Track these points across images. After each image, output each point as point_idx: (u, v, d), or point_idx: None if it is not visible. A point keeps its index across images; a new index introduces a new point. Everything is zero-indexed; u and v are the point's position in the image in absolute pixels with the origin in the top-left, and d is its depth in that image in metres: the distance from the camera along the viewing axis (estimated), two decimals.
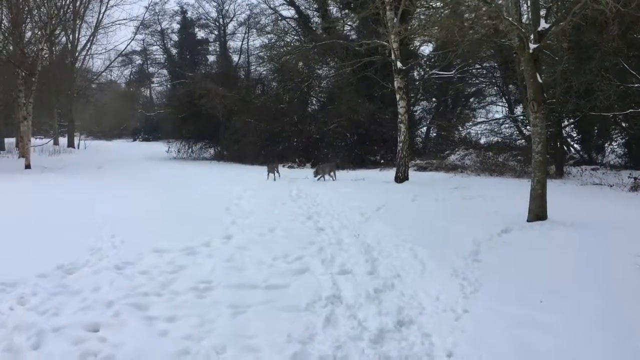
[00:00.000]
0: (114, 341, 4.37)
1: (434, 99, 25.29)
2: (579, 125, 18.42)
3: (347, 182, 15.87)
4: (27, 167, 20.12)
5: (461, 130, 24.50)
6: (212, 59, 42.48)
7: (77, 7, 33.48)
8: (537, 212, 9.13)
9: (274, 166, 16.96)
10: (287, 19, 27.59)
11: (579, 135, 19.64)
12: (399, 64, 15.38)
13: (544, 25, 8.98)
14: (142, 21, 42.38)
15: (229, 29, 39.98)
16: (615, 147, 19.12)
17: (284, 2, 26.79)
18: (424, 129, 25.90)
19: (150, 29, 44.31)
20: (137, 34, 43.61)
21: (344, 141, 23.87)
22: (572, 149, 19.78)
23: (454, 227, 8.75)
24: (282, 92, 26.30)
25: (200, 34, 43.50)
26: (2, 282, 5.67)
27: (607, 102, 14.41)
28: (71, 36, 36.53)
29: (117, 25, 42.58)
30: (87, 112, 47.55)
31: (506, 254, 7.18)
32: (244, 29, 36.33)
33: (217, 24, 40.61)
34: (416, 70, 24.07)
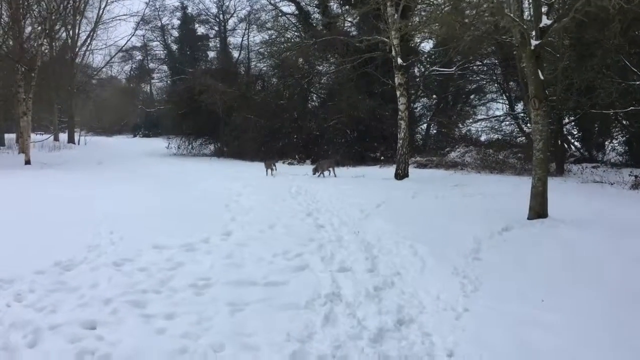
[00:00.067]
0: (111, 339, 4.33)
1: (435, 96, 25.21)
2: (579, 122, 18.36)
3: (347, 178, 15.82)
4: (27, 162, 20.08)
5: (461, 127, 24.43)
6: (212, 55, 42.38)
7: (77, 3, 33.40)
8: (538, 210, 9.09)
9: (271, 162, 17.24)
10: (287, 15, 27.56)
11: (580, 132, 19.58)
12: (400, 61, 15.32)
13: (545, 21, 8.93)
14: (143, 17, 42.36)
15: (229, 25, 39.91)
16: (615, 144, 19.06)
17: None
18: (424, 126, 25.79)
19: (150, 25, 44.23)
20: (138, 30, 43.66)
21: (344, 138, 23.81)
22: (573, 147, 19.72)
23: (454, 224, 8.71)
24: (282, 89, 26.21)
25: (200, 29, 43.37)
26: None
27: (608, 100, 14.35)
28: (71, 32, 36.45)
29: (118, 20, 42.26)
30: (87, 108, 47.44)
31: (507, 252, 7.15)
32: (244, 25, 36.23)
33: (218, 20, 40.50)
34: (416, 66, 23.98)
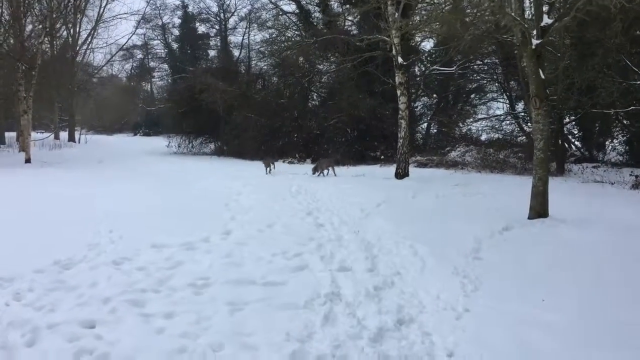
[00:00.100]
0: (109, 338, 4.32)
1: (435, 95, 25.17)
2: (580, 122, 18.34)
3: (347, 177, 15.80)
4: (27, 161, 20.07)
5: (462, 126, 24.38)
6: (213, 53, 42.37)
7: (77, 1, 33.35)
8: (538, 210, 9.07)
9: (269, 161, 17.44)
10: (288, 14, 27.54)
11: (580, 132, 19.55)
12: (400, 60, 15.29)
13: (546, 20, 8.90)
14: (143, 15, 42.42)
15: (230, 24, 39.94)
16: (616, 144, 19.04)
17: None
18: (425, 125, 25.77)
19: (151, 24, 44.29)
20: (138, 29, 43.59)
21: (344, 137, 23.79)
22: (573, 146, 19.70)
23: (454, 224, 8.69)
24: (283, 87, 26.20)
25: (201, 28, 43.40)
26: None
27: (609, 100, 14.33)
28: (72, 30, 36.41)
29: (118, 19, 42.35)
30: (87, 107, 47.45)
31: (507, 251, 7.12)
32: (245, 23, 36.29)
33: (218, 19, 40.52)
34: (417, 66, 23.95)
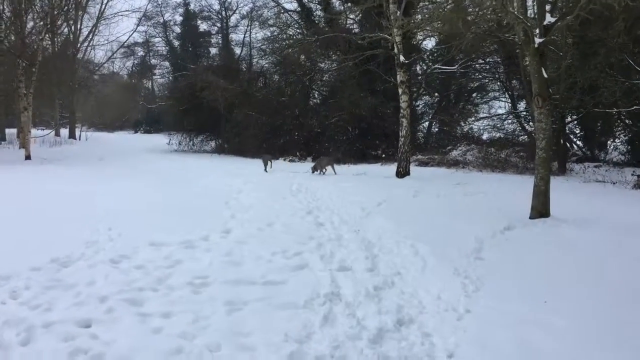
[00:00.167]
0: (105, 338, 4.26)
1: (437, 94, 25.10)
2: (582, 121, 18.27)
3: (348, 176, 15.76)
4: (27, 158, 20.02)
5: (463, 125, 24.33)
6: (214, 51, 42.28)
7: None
8: (540, 210, 9.01)
9: (267, 158, 17.55)
10: (289, 12, 27.45)
11: (582, 131, 19.49)
12: (402, 58, 15.23)
13: (549, 19, 8.82)
14: (145, 13, 42.25)
15: (232, 22, 39.88)
16: (618, 144, 18.97)
17: None
18: (426, 124, 25.71)
19: (152, 21, 44.21)
20: (140, 26, 43.63)
21: (345, 135, 23.74)
22: (575, 146, 19.64)
23: (455, 223, 8.64)
24: (284, 85, 26.13)
25: (202, 26, 43.34)
26: None
27: (611, 99, 14.26)
28: (73, 27, 36.33)
29: (120, 16, 42.49)
30: (88, 104, 47.33)
31: (509, 251, 7.07)
32: (246, 21, 36.20)
33: (220, 17, 40.44)
34: (419, 64, 23.88)
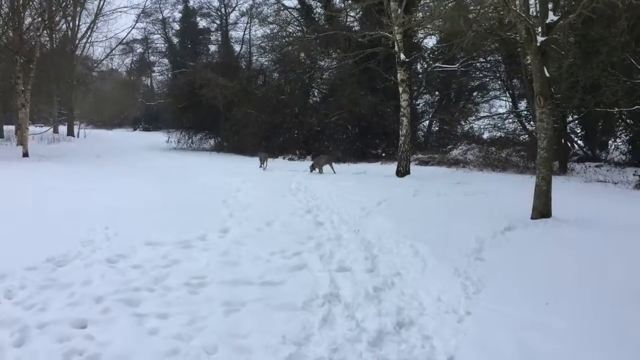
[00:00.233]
0: (101, 339, 4.18)
1: (437, 93, 25.02)
2: (582, 121, 18.21)
3: (347, 175, 15.69)
4: (25, 155, 19.93)
5: (464, 124, 24.25)
6: (213, 48, 42.14)
7: None
8: (541, 210, 8.93)
9: (264, 156, 17.79)
10: (289, 9, 27.35)
11: (583, 131, 19.43)
12: (402, 56, 15.15)
13: (552, 17, 8.74)
14: (144, 9, 42.12)
15: (231, 19, 39.68)
16: (619, 143, 18.91)
17: None
18: (426, 123, 25.65)
19: (151, 18, 43.99)
20: (138, 22, 43.28)
21: (345, 134, 23.67)
22: (576, 145, 19.57)
23: (455, 223, 8.57)
24: (284, 83, 26.05)
25: (202, 23, 43.13)
26: None
27: (613, 98, 14.20)
28: (71, 23, 36.23)
29: (118, 12, 42.22)
30: (87, 101, 47.22)
31: (510, 252, 6.99)
32: (246, 18, 35.98)
33: (219, 14, 40.26)
34: (419, 62, 23.81)
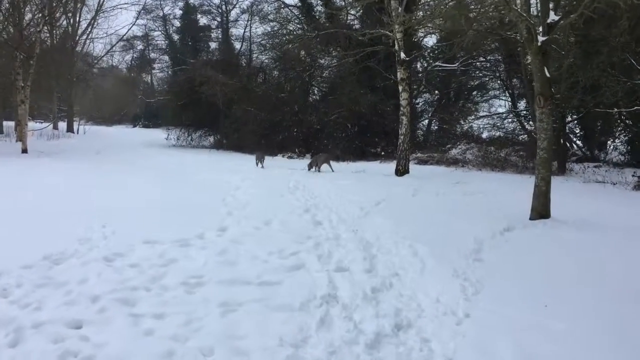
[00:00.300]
0: (96, 340, 4.14)
1: (437, 92, 24.99)
2: (582, 121, 18.18)
3: (346, 174, 15.66)
4: (24, 151, 19.89)
5: (463, 124, 24.26)
6: (213, 46, 42.10)
7: None
8: (540, 210, 8.90)
9: (261, 154, 17.81)
10: (290, 7, 27.32)
11: (582, 131, 19.40)
12: (403, 55, 15.11)
13: (553, 17, 8.70)
14: (144, 6, 42.07)
15: (232, 16, 39.67)
16: (618, 144, 18.89)
17: None
18: (426, 122, 25.65)
19: (152, 14, 44.02)
20: (139, 19, 43.30)
21: (344, 132, 23.64)
22: (575, 146, 19.55)
23: (454, 223, 8.53)
24: (284, 81, 26.03)
25: (202, 20, 43.11)
26: None
27: (613, 99, 14.17)
28: (72, 19, 36.16)
29: (119, 9, 42.18)
30: (87, 97, 47.21)
31: (508, 253, 6.96)
32: (246, 16, 35.96)
33: (220, 11, 40.23)
34: (419, 61, 23.78)
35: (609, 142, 19.19)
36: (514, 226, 8.36)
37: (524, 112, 19.87)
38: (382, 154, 21.94)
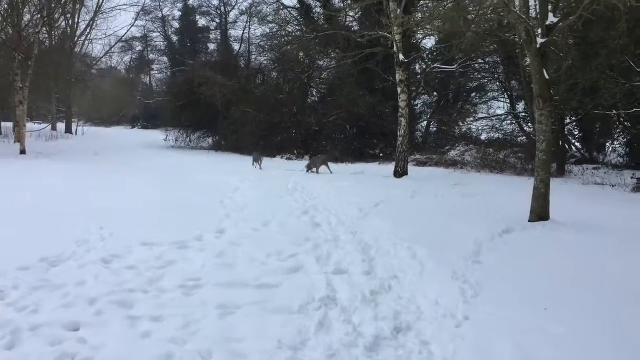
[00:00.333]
0: (93, 343, 4.11)
1: (435, 93, 24.99)
2: (580, 123, 18.19)
3: (345, 175, 15.64)
4: (22, 152, 19.87)
5: (462, 125, 24.22)
6: (212, 47, 42.14)
7: None
8: (540, 213, 8.88)
9: (258, 156, 17.90)
10: (288, 9, 27.30)
11: (581, 133, 19.41)
12: (401, 57, 15.10)
13: (552, 19, 8.69)
14: (143, 7, 41.98)
15: (231, 18, 39.74)
16: (616, 146, 18.90)
17: None
18: (425, 124, 25.62)
19: (151, 16, 44.01)
20: (138, 20, 43.19)
21: (343, 134, 23.61)
22: (574, 147, 19.55)
23: (453, 225, 8.51)
24: (282, 83, 26.01)
25: (201, 21, 43.18)
26: None
27: (612, 101, 14.17)
28: (70, 20, 36.11)
29: (118, 10, 41.97)
30: (85, 98, 47.12)
31: (508, 255, 6.94)
32: (245, 17, 35.98)
33: (219, 12, 40.26)
34: (418, 63, 23.78)
35: (608, 144, 19.21)
36: (513, 228, 8.34)
37: (523, 114, 19.86)
38: (381, 155, 21.93)
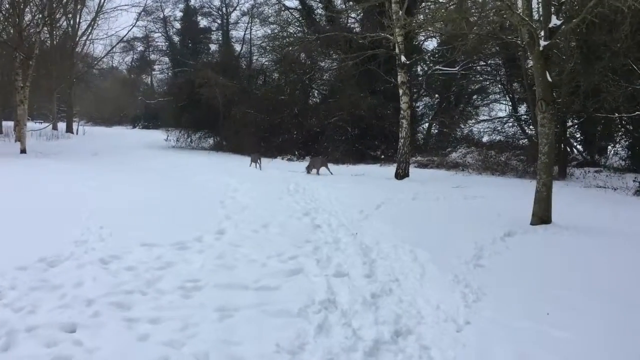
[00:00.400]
0: (89, 345, 4.06)
1: (437, 95, 24.94)
2: (582, 126, 18.13)
3: (346, 177, 15.59)
4: (23, 151, 19.87)
5: (463, 127, 24.18)
6: (214, 48, 42.08)
7: None
8: (541, 216, 8.83)
9: (257, 156, 17.94)
10: (290, 10, 27.25)
11: (582, 136, 19.34)
12: (403, 58, 15.06)
13: (555, 21, 8.65)
14: (145, 7, 41.96)
15: (232, 18, 39.71)
16: (618, 149, 18.84)
17: None
18: (426, 126, 25.57)
19: (152, 16, 43.93)
20: (139, 21, 43.12)
21: (344, 135, 23.54)
22: (575, 150, 19.49)
23: (455, 228, 8.47)
24: (284, 84, 25.95)
25: (202, 22, 43.13)
26: None
27: (614, 104, 14.13)
28: (72, 20, 36.10)
29: (119, 10, 41.88)
30: (86, 98, 47.10)
31: (510, 259, 6.88)
32: (247, 18, 35.99)
33: (220, 13, 40.27)
34: (420, 65, 23.74)
35: (610, 147, 19.14)
36: (515, 231, 8.29)
37: (525, 117, 19.81)
38: (382, 157, 21.88)
